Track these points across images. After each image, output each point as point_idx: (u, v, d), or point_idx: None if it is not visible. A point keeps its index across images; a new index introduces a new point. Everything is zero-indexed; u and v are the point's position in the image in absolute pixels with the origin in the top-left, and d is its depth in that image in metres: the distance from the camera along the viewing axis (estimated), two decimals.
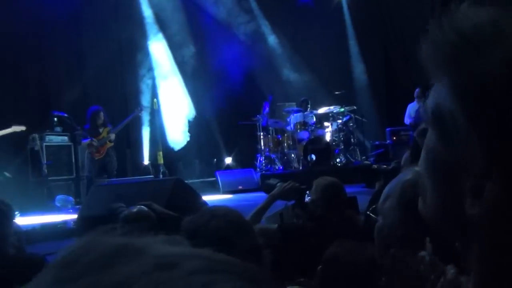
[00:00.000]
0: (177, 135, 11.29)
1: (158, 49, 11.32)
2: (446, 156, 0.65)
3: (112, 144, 8.99)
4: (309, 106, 10.72)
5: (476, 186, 0.61)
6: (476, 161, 0.60)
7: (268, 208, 3.22)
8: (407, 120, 10.38)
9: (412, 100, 10.25)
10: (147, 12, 11.15)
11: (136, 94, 11.10)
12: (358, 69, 12.64)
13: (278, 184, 3.34)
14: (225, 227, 1.67)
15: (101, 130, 8.87)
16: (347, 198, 3.29)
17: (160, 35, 11.32)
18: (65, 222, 6.31)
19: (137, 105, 10.23)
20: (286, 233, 2.98)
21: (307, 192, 3.24)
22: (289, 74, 12.07)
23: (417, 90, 9.94)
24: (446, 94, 0.63)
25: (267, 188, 3.46)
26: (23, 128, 8.19)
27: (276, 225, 3.09)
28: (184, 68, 11.47)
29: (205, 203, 4.00)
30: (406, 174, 1.21)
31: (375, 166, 4.12)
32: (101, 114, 8.95)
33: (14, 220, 2.54)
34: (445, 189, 0.67)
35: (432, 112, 0.65)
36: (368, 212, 3.20)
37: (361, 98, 11.73)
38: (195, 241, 1.59)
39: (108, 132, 8.91)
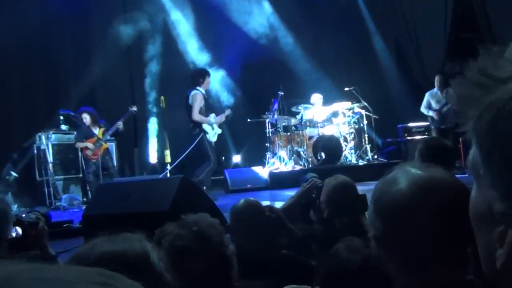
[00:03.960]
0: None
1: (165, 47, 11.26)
2: (482, 206, 0.64)
3: (107, 145, 8.72)
4: (319, 102, 10.56)
5: (500, 233, 0.60)
6: (496, 205, 0.60)
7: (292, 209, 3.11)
8: (424, 109, 9.81)
9: (424, 96, 10.00)
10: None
11: (143, 92, 11.03)
12: (369, 65, 12.45)
13: (311, 179, 3.20)
14: (186, 237, 1.70)
15: (96, 131, 8.63)
16: (358, 199, 3.03)
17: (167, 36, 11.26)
18: (71, 221, 6.24)
19: (150, 103, 10.12)
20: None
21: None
22: (299, 70, 11.93)
23: (437, 78, 9.60)
24: (475, 148, 0.62)
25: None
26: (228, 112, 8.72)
27: None
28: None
29: (211, 201, 3.88)
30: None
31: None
32: (85, 115, 8.67)
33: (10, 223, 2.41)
34: (483, 239, 0.66)
35: (470, 166, 0.66)
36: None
37: (372, 94, 11.53)
38: (160, 249, 1.48)
39: (103, 133, 8.69)
